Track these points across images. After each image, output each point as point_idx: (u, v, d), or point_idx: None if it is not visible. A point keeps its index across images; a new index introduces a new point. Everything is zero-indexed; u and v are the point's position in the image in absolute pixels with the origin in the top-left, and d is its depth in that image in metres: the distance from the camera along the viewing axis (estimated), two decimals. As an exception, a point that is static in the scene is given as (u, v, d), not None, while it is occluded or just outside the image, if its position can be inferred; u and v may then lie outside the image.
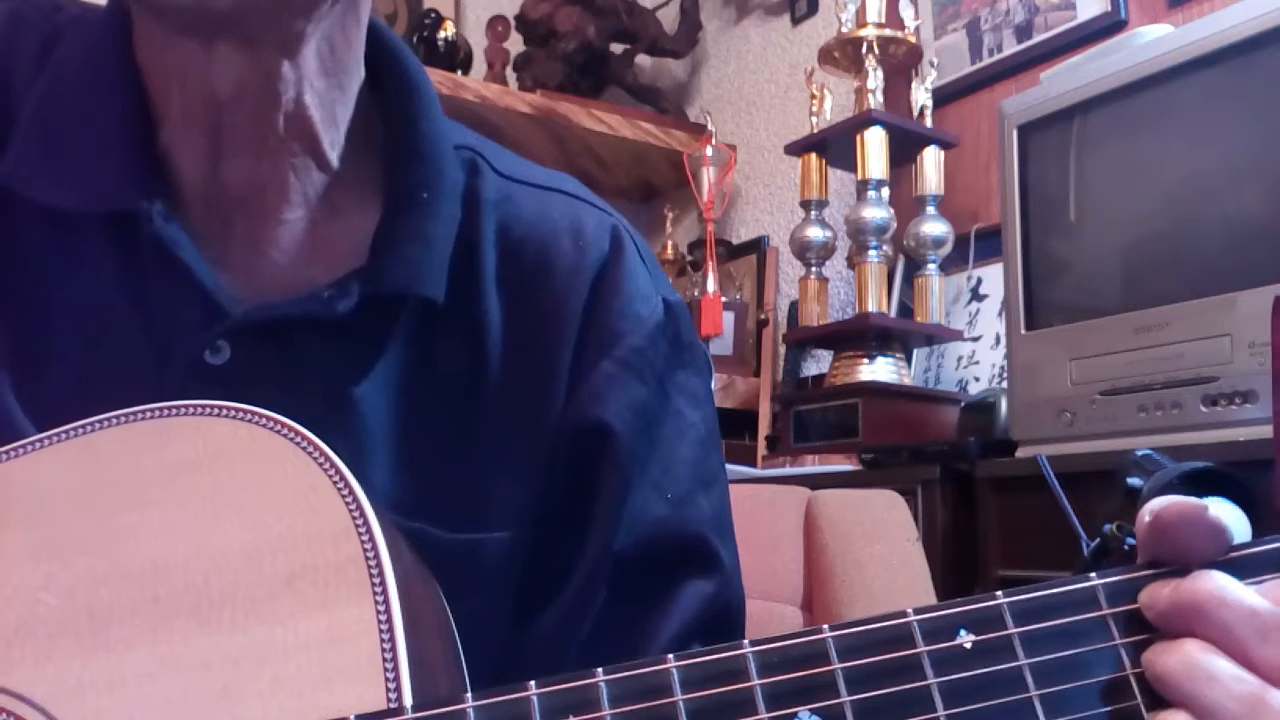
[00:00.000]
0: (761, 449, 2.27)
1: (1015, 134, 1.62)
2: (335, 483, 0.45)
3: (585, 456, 0.61)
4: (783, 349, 2.43)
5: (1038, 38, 2.04)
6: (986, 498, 1.53)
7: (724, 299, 2.35)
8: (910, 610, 0.40)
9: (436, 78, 2.24)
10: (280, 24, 0.54)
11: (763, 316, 2.47)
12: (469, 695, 0.38)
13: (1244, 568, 0.40)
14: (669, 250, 2.61)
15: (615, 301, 0.63)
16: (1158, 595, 0.40)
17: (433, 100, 0.64)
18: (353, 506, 0.44)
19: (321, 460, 0.45)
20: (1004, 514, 1.50)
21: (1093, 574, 0.41)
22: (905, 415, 1.91)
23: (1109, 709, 0.39)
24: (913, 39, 2.07)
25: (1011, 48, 2.09)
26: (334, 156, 0.60)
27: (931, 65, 2.12)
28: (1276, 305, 0.42)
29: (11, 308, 0.56)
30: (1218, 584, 0.39)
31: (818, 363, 2.34)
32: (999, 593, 0.40)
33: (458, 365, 0.61)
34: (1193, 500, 0.41)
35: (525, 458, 0.60)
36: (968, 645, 0.39)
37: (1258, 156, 1.36)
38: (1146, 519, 0.41)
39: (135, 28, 0.58)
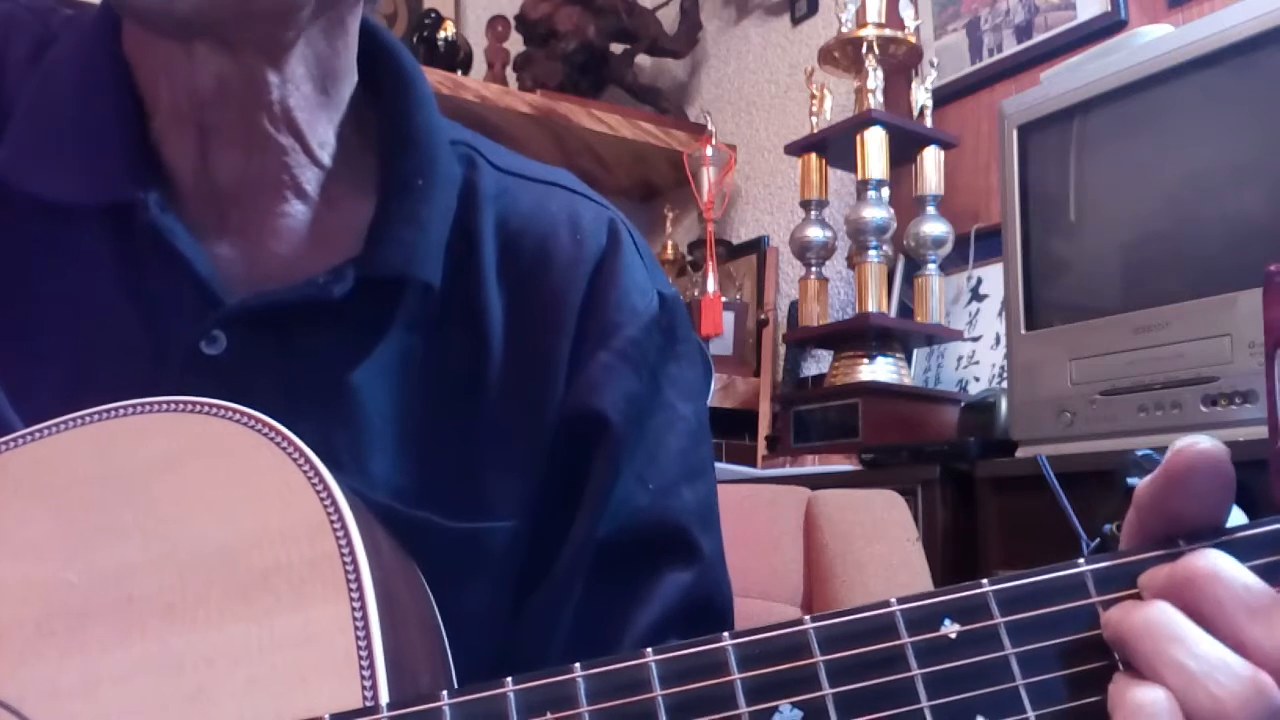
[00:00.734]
0: (761, 449, 2.26)
1: (1015, 134, 1.61)
2: (310, 478, 0.44)
3: (580, 445, 0.61)
4: (783, 349, 2.42)
5: (1038, 38, 2.03)
6: (986, 498, 1.52)
7: (724, 299, 2.35)
8: (894, 600, 0.39)
9: (436, 78, 2.25)
10: (256, 31, 0.55)
11: (763, 316, 2.46)
12: (445, 693, 0.37)
13: (1241, 549, 0.39)
14: (669, 250, 2.61)
15: (612, 294, 0.64)
16: (1156, 574, 0.39)
17: (427, 96, 0.64)
18: (327, 502, 0.43)
19: (296, 456, 0.45)
20: (1004, 514, 1.50)
21: (1081, 560, 0.40)
22: (905, 415, 1.91)
23: (1097, 698, 0.38)
24: (913, 39, 2.06)
25: (1011, 48, 2.08)
26: (324, 155, 0.60)
27: (931, 65, 2.12)
28: (1269, 278, 0.41)
29: (5, 301, 0.56)
30: (1214, 560, 0.38)
31: (818, 363, 2.33)
32: (984, 580, 0.39)
33: (459, 356, 0.61)
34: (1217, 445, 0.39)
35: (526, 447, 0.61)
36: (953, 635, 0.39)
37: (1258, 156, 1.36)
38: (1157, 475, 0.39)
39: (124, 26, 0.59)
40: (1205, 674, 0.36)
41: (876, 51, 2.03)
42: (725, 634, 0.38)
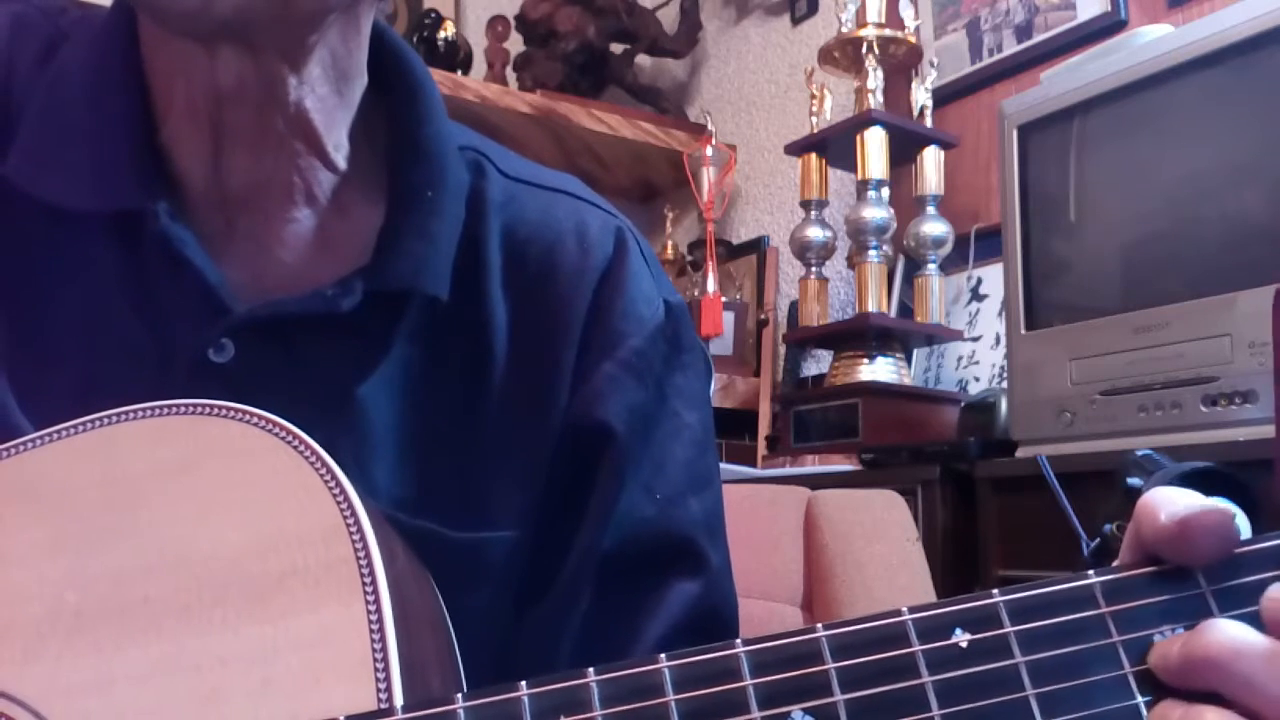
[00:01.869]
0: (761, 449, 2.27)
1: (1015, 134, 1.61)
2: (326, 481, 0.44)
3: (584, 456, 0.61)
4: (783, 349, 2.43)
5: (1038, 38, 2.04)
6: (986, 498, 1.53)
7: (724, 299, 2.35)
8: (905, 609, 0.39)
9: (436, 78, 2.24)
10: (284, 35, 0.54)
11: (763, 316, 2.47)
12: (459, 695, 0.37)
13: (1246, 564, 0.40)
14: (669, 250, 2.61)
15: (618, 302, 0.63)
16: (1168, 654, 0.39)
17: (436, 101, 0.64)
18: (344, 505, 0.44)
19: (312, 459, 0.45)
20: (1004, 514, 1.50)
21: (1090, 571, 0.41)
22: (905, 415, 1.91)
23: (1107, 708, 0.39)
24: (913, 39, 2.06)
25: (1011, 48, 2.09)
26: (339, 159, 0.60)
27: (931, 65, 2.12)
28: (1278, 298, 0.42)
29: (13, 306, 0.56)
30: (1229, 635, 0.37)
31: (818, 363, 2.33)
32: (995, 591, 0.40)
33: (463, 365, 0.61)
34: (1221, 508, 0.39)
35: (529, 457, 0.61)
36: (963, 644, 0.39)
37: (1258, 156, 1.36)
38: (1162, 519, 0.39)
39: (140, 26, 0.58)
40: None
41: (876, 51, 2.03)
42: (738, 640, 0.38)
